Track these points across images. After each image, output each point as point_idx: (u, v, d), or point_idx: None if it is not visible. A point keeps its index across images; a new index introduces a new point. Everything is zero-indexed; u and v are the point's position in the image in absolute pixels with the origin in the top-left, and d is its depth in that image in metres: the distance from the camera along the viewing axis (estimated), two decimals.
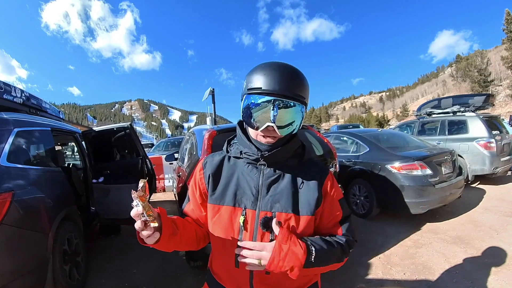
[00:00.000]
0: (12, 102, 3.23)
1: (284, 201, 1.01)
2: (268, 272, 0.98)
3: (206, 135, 3.32)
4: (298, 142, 1.11)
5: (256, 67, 0.99)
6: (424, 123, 8.66)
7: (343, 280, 3.15)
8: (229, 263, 1.03)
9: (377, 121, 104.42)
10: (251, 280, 1.02)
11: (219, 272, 1.12)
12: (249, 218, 1.01)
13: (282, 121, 0.95)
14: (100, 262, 3.94)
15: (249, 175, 1.06)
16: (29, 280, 2.41)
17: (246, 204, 1.02)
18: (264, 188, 1.03)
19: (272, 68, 0.95)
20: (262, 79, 0.94)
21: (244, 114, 1.00)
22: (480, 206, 5.47)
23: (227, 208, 1.04)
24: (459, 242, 3.91)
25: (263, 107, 0.94)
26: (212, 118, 5.43)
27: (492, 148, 6.69)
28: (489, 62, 67.22)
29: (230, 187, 1.07)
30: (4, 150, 2.59)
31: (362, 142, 5.61)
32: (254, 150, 1.04)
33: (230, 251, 1.02)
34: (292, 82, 0.94)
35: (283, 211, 1.00)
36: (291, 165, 1.07)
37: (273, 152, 1.01)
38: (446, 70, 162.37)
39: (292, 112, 0.95)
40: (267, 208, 1.01)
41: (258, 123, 0.97)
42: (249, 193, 1.03)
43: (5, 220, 2.20)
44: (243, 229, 1.01)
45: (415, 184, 4.52)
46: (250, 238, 1.00)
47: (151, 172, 4.46)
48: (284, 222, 0.99)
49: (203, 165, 1.16)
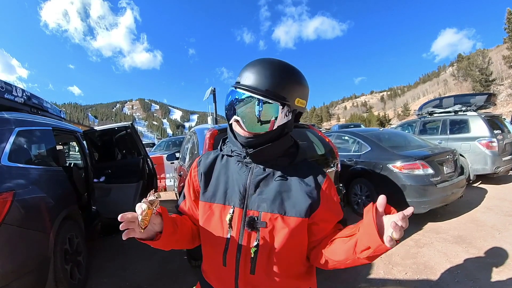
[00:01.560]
0: (13, 101, 3.23)
1: (271, 201, 0.98)
2: (253, 273, 0.98)
3: (207, 135, 3.32)
4: (290, 141, 1.07)
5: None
6: (426, 123, 8.63)
7: (344, 279, 3.15)
8: (218, 261, 1.02)
9: (378, 120, 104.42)
10: (236, 280, 1.00)
11: (208, 271, 1.11)
12: (236, 217, 1.00)
13: (250, 118, 0.94)
14: (101, 262, 3.94)
15: (239, 173, 1.05)
16: (30, 279, 2.41)
17: (235, 203, 1.01)
18: (252, 186, 1.01)
19: (254, 63, 0.96)
20: (243, 74, 0.95)
21: (225, 105, 1.02)
22: (482, 205, 5.45)
23: (217, 206, 1.04)
24: (461, 242, 3.89)
25: (239, 101, 0.95)
26: (213, 117, 5.43)
27: (494, 147, 6.67)
28: (491, 61, 67.07)
29: (221, 185, 1.06)
30: (5, 149, 2.59)
31: (364, 141, 5.59)
32: (240, 147, 1.03)
33: (219, 249, 1.01)
34: (271, 80, 0.92)
35: (269, 211, 0.97)
36: (281, 165, 1.04)
37: (257, 150, 0.98)
38: (448, 70, 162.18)
39: (265, 113, 0.93)
40: (254, 207, 0.99)
41: (229, 116, 0.99)
42: (237, 192, 1.02)
43: (6, 220, 2.20)
44: (230, 228, 1.00)
45: (417, 184, 4.51)
46: (236, 237, 0.99)
47: (152, 171, 4.47)
48: (269, 223, 0.97)
49: (198, 163, 1.17)
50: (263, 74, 0.92)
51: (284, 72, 0.95)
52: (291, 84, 0.96)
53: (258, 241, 0.97)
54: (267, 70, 0.93)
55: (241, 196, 1.01)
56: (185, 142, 5.41)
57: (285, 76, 0.95)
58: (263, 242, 0.97)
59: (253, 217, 0.98)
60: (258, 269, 0.97)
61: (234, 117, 0.96)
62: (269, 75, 0.92)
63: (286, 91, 0.94)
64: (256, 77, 0.92)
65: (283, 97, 0.93)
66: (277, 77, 0.93)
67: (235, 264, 0.99)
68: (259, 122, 0.94)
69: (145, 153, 4.38)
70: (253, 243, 0.97)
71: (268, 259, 0.97)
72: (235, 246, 0.99)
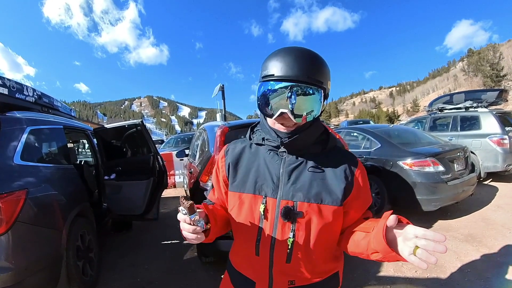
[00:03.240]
0: (24, 101, 3.26)
1: (306, 190, 0.96)
2: (289, 262, 0.97)
3: (218, 132, 3.33)
4: (321, 127, 1.06)
5: (271, 53, 0.97)
6: (436, 119, 8.54)
7: (354, 277, 3.15)
8: (250, 251, 1.02)
9: (387, 116, 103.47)
10: (270, 268, 1.00)
11: (239, 260, 1.11)
12: (270, 207, 0.99)
13: (300, 109, 0.91)
14: (112, 258, 3.99)
15: (271, 162, 1.03)
16: (44, 276, 2.44)
17: (266, 192, 1.00)
18: (286, 175, 0.99)
19: (285, 53, 0.92)
20: (276, 65, 0.91)
21: (259, 102, 0.97)
22: (492, 203, 5.39)
23: (247, 196, 1.03)
24: (471, 240, 3.86)
25: (279, 94, 0.91)
26: (222, 114, 5.44)
27: (505, 144, 6.57)
28: (502, 56, 65.95)
29: (251, 175, 1.04)
30: (18, 148, 2.62)
31: (374, 138, 5.56)
32: (274, 136, 1.00)
33: (251, 239, 1.01)
34: (307, 66, 0.90)
35: (305, 200, 0.96)
36: (314, 152, 1.02)
37: (293, 139, 0.97)
38: (458, 65, 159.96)
39: (311, 100, 0.92)
40: (288, 197, 0.97)
41: (273, 110, 0.94)
42: (269, 181, 1.00)
43: (19, 218, 2.23)
44: (263, 218, 0.99)
45: (427, 181, 4.47)
46: (270, 228, 0.98)
47: (163, 168, 4.50)
48: (305, 213, 0.95)
49: (225, 153, 1.16)
50: (297, 62, 0.90)
51: (313, 58, 0.93)
52: (323, 68, 0.94)
53: (294, 231, 0.96)
54: (299, 58, 0.91)
55: (274, 185, 0.99)
56: (195, 139, 5.43)
57: (316, 61, 0.93)
58: (300, 232, 0.96)
59: (289, 207, 0.96)
60: (294, 258, 0.97)
61: (281, 110, 0.91)
62: (303, 63, 0.90)
63: (321, 75, 0.93)
64: (293, 66, 0.89)
65: (321, 81, 0.92)
66: (310, 63, 0.91)
67: (269, 254, 0.99)
68: (308, 114, 0.93)
69: (155, 150, 4.40)
70: (288, 233, 0.96)
71: (304, 248, 0.97)
72: (269, 236, 0.98)
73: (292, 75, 0.89)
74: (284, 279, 1.00)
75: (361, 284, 3.05)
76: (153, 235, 4.79)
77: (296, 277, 1.00)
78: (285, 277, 1.00)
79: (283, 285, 1.00)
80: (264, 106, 0.96)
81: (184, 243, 4.31)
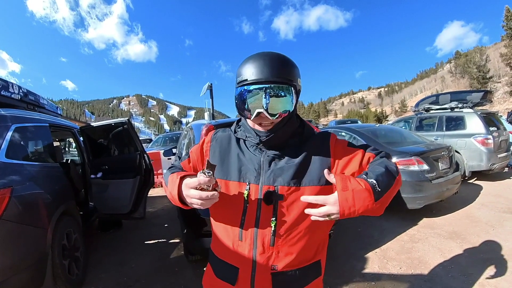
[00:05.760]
0: (10, 98, 3.23)
1: (285, 175, 1.03)
2: (272, 245, 1.02)
3: (203, 130, 3.34)
4: (296, 122, 1.13)
5: (244, 60, 1.04)
6: (422, 119, 8.68)
7: (339, 274, 3.19)
8: (234, 236, 1.07)
9: (376, 116, 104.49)
10: (254, 251, 1.04)
11: (221, 248, 1.13)
12: (253, 193, 1.05)
13: (274, 108, 0.98)
14: (99, 257, 3.96)
15: (253, 153, 1.10)
16: (29, 275, 2.42)
17: (250, 179, 1.06)
18: (266, 163, 1.06)
19: (256, 58, 1.00)
20: (248, 71, 0.99)
21: (238, 105, 1.04)
22: (476, 202, 5.51)
23: (233, 183, 1.08)
24: (455, 237, 3.94)
25: (254, 95, 0.98)
26: (210, 113, 5.43)
27: (490, 144, 6.72)
28: (488, 58, 67.19)
29: (235, 164, 1.10)
30: (3, 146, 2.59)
31: (360, 137, 5.62)
32: (254, 135, 1.08)
33: (235, 224, 1.06)
34: (277, 67, 0.98)
35: (285, 184, 1.02)
36: (292, 144, 1.10)
37: (270, 137, 1.04)
38: (445, 66, 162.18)
39: (283, 98, 0.99)
40: (270, 182, 1.03)
41: (250, 111, 1.00)
42: (252, 169, 1.07)
43: (4, 216, 2.21)
44: (247, 203, 1.04)
45: (412, 179, 4.55)
46: (254, 211, 1.03)
47: (149, 167, 4.48)
48: (286, 196, 1.02)
49: (212, 139, 1.21)
50: (267, 65, 0.97)
51: (281, 59, 1.01)
52: (291, 67, 1.02)
53: (276, 215, 1.02)
54: (269, 61, 0.98)
55: (256, 173, 1.06)
56: (182, 137, 5.42)
57: (284, 62, 1.01)
58: (281, 215, 1.02)
59: (270, 191, 1.03)
60: (277, 241, 1.02)
61: (257, 110, 0.98)
62: (273, 65, 0.98)
63: (290, 74, 1.00)
64: (263, 69, 0.97)
65: (290, 79, 1.00)
66: (279, 64, 0.99)
67: (252, 237, 1.03)
68: (280, 109, 0.99)
69: (142, 149, 4.38)
70: (271, 216, 1.02)
71: (287, 231, 1.02)
72: (252, 220, 1.03)
73: (263, 78, 0.96)
74: (267, 263, 1.04)
75: (347, 280, 3.08)
76: (140, 234, 4.77)
77: (278, 261, 1.04)
78: (268, 261, 1.03)
79: (266, 270, 1.04)
80: (242, 108, 1.02)
81: (170, 241, 4.32)
